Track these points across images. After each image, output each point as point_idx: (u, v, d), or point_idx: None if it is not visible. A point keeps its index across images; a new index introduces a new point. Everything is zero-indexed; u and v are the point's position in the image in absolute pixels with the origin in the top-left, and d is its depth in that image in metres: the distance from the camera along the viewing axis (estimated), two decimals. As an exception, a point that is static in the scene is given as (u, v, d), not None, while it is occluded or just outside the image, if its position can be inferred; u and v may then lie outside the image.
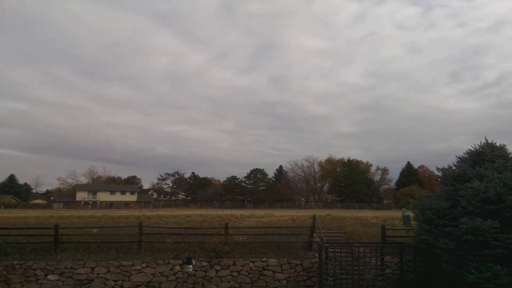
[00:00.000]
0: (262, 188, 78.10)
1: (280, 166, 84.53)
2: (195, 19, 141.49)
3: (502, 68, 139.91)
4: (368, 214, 31.47)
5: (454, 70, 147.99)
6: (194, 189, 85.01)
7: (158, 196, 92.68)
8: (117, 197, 74.87)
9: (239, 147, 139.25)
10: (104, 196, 73.83)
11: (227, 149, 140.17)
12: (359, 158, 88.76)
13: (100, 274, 13.27)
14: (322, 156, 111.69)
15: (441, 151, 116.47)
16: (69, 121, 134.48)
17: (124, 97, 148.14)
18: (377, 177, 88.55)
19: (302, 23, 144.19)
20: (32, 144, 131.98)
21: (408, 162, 78.18)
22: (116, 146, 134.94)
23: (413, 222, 16.33)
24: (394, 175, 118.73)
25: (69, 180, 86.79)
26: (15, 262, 13.27)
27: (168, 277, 13.46)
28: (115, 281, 13.26)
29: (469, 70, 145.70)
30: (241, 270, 13.84)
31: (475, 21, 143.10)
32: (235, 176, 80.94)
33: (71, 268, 13.25)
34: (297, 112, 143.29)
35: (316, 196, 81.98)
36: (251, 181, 79.86)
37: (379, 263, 13.27)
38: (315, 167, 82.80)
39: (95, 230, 17.16)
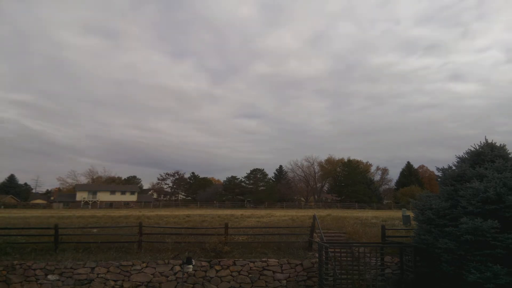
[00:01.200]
0: (262, 188, 78.13)
1: (280, 166, 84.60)
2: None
3: None
4: (368, 214, 31.48)
5: None
6: (194, 189, 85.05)
7: (158, 196, 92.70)
8: (117, 197, 74.89)
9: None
10: (104, 196, 73.83)
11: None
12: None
13: (100, 274, 13.27)
14: (322, 156, 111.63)
15: None
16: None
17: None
18: (377, 177, 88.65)
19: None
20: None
21: (408, 162, 78.22)
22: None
23: (413, 222, 16.33)
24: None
25: (69, 180, 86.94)
26: (15, 262, 13.27)
27: (168, 277, 13.46)
28: (115, 281, 13.27)
29: None
30: (241, 270, 13.84)
31: None
32: (235, 176, 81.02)
33: (71, 268, 13.25)
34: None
35: (316, 196, 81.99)
36: (251, 181, 79.87)
37: (379, 263, 13.26)
38: (315, 167, 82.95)
39: (95, 230, 17.16)
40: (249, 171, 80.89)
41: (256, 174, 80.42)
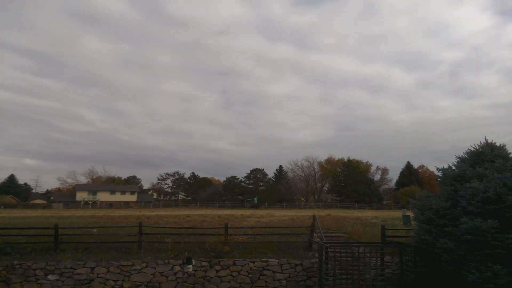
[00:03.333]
0: (262, 188, 78.12)
1: (280, 166, 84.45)
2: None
3: None
4: (368, 214, 31.47)
5: None
6: (194, 189, 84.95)
7: (158, 196, 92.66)
8: (117, 197, 74.84)
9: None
10: (104, 196, 73.80)
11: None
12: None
13: (100, 274, 13.27)
14: (322, 156, 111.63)
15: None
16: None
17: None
18: (377, 177, 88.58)
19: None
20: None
21: (408, 162, 78.16)
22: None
23: (413, 222, 16.33)
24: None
25: (69, 180, 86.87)
26: (15, 262, 13.27)
27: (168, 277, 13.46)
28: (115, 281, 13.27)
29: None
30: (241, 270, 13.84)
31: None
32: (235, 176, 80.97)
33: (71, 268, 13.25)
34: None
35: (316, 196, 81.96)
36: (251, 181, 79.86)
37: (379, 263, 13.26)
38: (315, 167, 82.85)
39: (95, 230, 17.15)
40: (249, 171, 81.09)
41: (256, 174, 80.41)
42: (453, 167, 12.88)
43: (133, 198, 76.37)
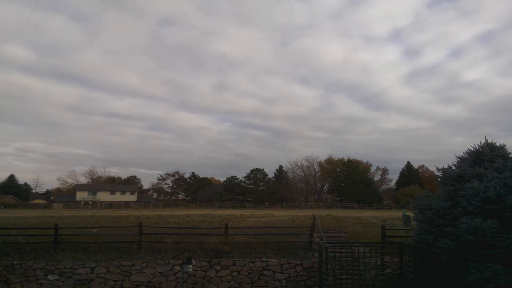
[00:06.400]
0: (262, 188, 78.14)
1: (280, 166, 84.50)
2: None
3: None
4: (368, 214, 31.51)
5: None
6: (194, 189, 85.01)
7: (158, 196, 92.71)
8: (117, 197, 74.87)
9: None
10: (104, 196, 73.83)
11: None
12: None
13: (100, 274, 13.27)
14: (322, 156, 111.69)
15: None
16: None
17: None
18: (377, 177, 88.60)
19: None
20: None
21: (408, 162, 78.21)
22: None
23: (413, 222, 16.34)
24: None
25: (69, 180, 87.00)
26: (15, 262, 13.27)
27: (168, 277, 13.45)
28: (115, 281, 13.26)
29: None
30: (241, 270, 13.83)
31: None
32: (235, 176, 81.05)
33: (71, 268, 13.25)
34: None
35: (316, 196, 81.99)
36: (251, 181, 79.89)
37: (379, 263, 13.25)
38: (315, 167, 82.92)
39: (95, 230, 17.15)
40: (249, 171, 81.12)
41: (256, 174, 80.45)
42: (453, 167, 12.88)
43: (133, 198, 76.39)
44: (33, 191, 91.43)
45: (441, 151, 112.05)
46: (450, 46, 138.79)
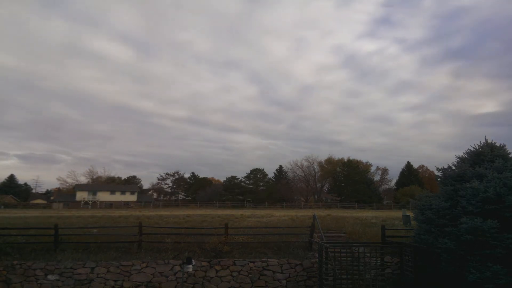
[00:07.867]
0: (262, 188, 78.14)
1: (280, 166, 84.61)
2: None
3: None
4: (368, 214, 31.53)
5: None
6: (194, 189, 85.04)
7: (158, 196, 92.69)
8: (117, 197, 74.87)
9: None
10: (104, 196, 73.84)
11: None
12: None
13: (100, 274, 13.26)
14: (322, 156, 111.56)
15: None
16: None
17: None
18: (377, 177, 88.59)
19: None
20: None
21: (408, 162, 78.19)
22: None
23: (413, 222, 16.34)
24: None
25: (69, 180, 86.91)
26: (15, 262, 13.27)
27: (168, 277, 13.45)
28: (115, 281, 13.26)
29: None
30: (241, 270, 13.83)
31: None
32: (235, 176, 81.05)
33: (71, 268, 13.24)
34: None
35: (316, 196, 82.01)
36: (251, 181, 79.90)
37: (379, 263, 13.26)
38: (315, 167, 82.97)
39: (95, 230, 17.15)
40: (249, 171, 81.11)
41: (256, 174, 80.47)
42: (453, 167, 12.88)
43: (133, 198, 76.39)
44: (33, 191, 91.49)
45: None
46: None
